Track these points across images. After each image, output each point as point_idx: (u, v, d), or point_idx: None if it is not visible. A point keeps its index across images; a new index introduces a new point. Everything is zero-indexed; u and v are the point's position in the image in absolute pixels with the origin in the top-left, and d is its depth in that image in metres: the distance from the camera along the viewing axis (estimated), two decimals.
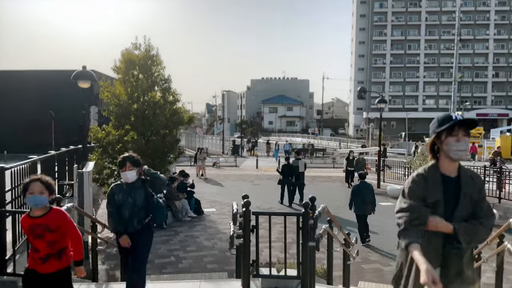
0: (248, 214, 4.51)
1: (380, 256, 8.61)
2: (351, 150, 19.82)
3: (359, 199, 9.65)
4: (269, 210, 12.86)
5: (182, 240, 9.66)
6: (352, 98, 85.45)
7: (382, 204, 14.32)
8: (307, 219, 4.32)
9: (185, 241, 9.58)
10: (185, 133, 60.57)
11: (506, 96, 78.20)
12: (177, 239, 9.75)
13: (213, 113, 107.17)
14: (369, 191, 9.73)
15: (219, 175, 22.33)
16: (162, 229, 10.60)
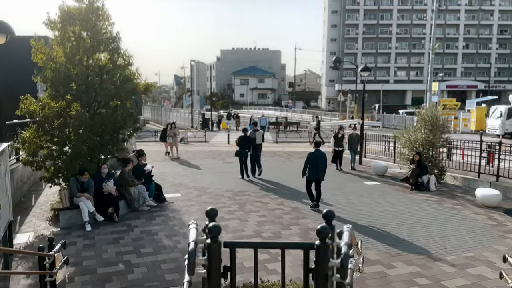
0: (215, 250, 2.55)
1: (379, 252, 6.99)
2: (340, 126, 16.49)
3: (313, 166, 9.80)
4: (243, 196, 11.07)
5: (137, 238, 7.72)
6: (325, 69, 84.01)
7: (368, 184, 12.80)
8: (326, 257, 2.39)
9: (140, 240, 7.65)
10: (151, 106, 57.54)
11: (476, 68, 78.74)
12: (130, 237, 7.80)
13: (182, 85, 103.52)
14: (323, 159, 9.93)
15: (186, 152, 20.28)
16: (112, 223, 8.61)
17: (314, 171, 9.85)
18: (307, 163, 9.91)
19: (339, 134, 15.50)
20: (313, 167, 9.84)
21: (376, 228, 8.29)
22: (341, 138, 15.46)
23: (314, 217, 9.09)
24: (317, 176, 9.90)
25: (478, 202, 10.29)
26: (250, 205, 10.09)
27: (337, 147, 15.36)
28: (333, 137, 15.75)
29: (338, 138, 15.46)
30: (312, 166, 9.84)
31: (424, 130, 12.59)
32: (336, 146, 15.38)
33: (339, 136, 15.50)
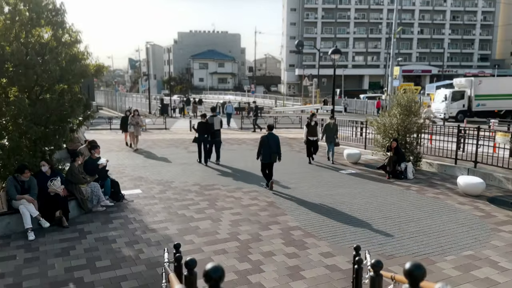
0: None
1: (372, 255, 6.22)
2: (313, 113, 14.71)
3: (266, 149, 10.05)
4: (213, 190, 10.02)
5: (90, 248, 6.51)
6: (285, 54, 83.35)
7: (343, 173, 12.11)
8: None
9: (94, 250, 6.45)
10: (105, 91, 54.48)
11: (430, 52, 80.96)
12: (83, 247, 6.58)
13: (137, 69, 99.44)
14: (276, 142, 10.19)
15: (145, 141, 18.82)
16: (61, 229, 7.31)
17: (267, 154, 10.14)
18: (261, 146, 10.17)
19: (312, 122, 13.72)
20: (266, 150, 10.11)
21: (363, 224, 7.55)
22: (314, 127, 13.71)
23: (292, 212, 8.23)
24: (270, 158, 10.18)
25: (460, 190, 9.85)
26: (221, 201, 9.07)
27: (310, 137, 13.53)
28: (306, 126, 13.82)
29: (312, 127, 13.63)
30: (265, 149, 10.11)
31: (399, 115, 12.02)
32: (310, 135, 13.54)
33: (312, 124, 13.69)
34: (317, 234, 7.03)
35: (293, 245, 6.58)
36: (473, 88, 29.49)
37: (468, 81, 30.51)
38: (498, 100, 29.31)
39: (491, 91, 29.38)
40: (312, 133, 13.56)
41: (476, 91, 29.36)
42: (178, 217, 7.97)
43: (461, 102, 29.73)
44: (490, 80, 35.81)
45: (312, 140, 13.56)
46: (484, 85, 29.87)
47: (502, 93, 29.54)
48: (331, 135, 13.62)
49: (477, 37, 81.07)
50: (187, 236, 6.96)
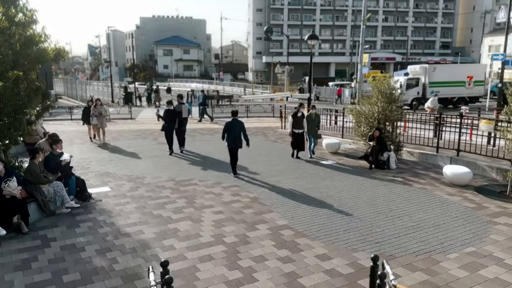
0: None
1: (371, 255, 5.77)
2: (301, 103, 12.91)
3: (231, 134, 10.27)
4: (189, 185, 9.29)
5: (56, 259, 5.67)
6: (251, 41, 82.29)
7: (325, 163, 11.66)
8: None
9: (60, 261, 5.62)
10: (64, 79, 51.75)
11: (394, 40, 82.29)
12: (46, 257, 5.72)
13: (97, 56, 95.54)
14: (240, 127, 10.37)
15: (110, 132, 17.67)
16: (20, 237, 6.40)
17: (232, 139, 10.33)
18: (225, 132, 10.44)
19: (299, 113, 12.15)
20: (231, 135, 10.32)
21: (355, 221, 7.08)
22: (301, 118, 12.13)
23: (279, 209, 7.66)
24: (235, 143, 10.34)
25: (446, 180, 9.61)
26: (200, 198, 8.36)
27: (296, 129, 12.12)
28: (292, 116, 12.34)
29: (298, 118, 12.11)
30: (230, 134, 10.33)
31: (380, 103, 11.65)
32: (295, 127, 12.12)
33: (298, 115, 12.12)
34: (309, 234, 6.50)
35: (285, 247, 6.01)
36: (427, 75, 29.24)
37: (423, 68, 30.07)
38: (451, 87, 29.37)
39: (444, 78, 29.30)
40: (298, 125, 12.12)
41: (430, 78, 28.99)
42: (154, 218, 7.21)
43: (415, 89, 29.26)
44: (444, 67, 35.95)
45: (298, 133, 12.15)
46: (438, 72, 29.61)
47: (455, 80, 29.67)
48: (312, 126, 12.39)
49: (439, 25, 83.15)
50: (167, 241, 6.24)
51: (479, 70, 31.52)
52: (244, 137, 10.37)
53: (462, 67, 39.16)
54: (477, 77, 30.39)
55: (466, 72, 30.62)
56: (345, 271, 5.28)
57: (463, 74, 30.35)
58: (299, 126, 12.10)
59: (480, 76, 30.87)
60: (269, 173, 10.52)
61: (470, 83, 30.22)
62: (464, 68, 34.12)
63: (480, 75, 30.94)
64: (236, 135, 10.29)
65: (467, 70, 31.37)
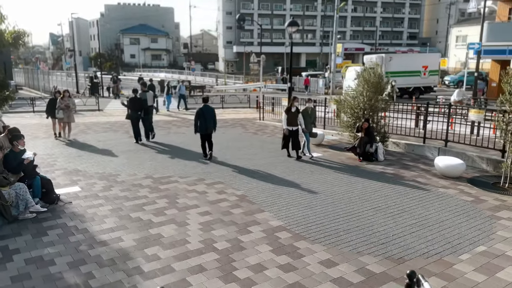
0: None
1: (380, 260, 5.29)
2: (294, 97, 11.27)
3: (202, 121, 10.47)
4: (169, 183, 8.54)
5: (20, 276, 4.85)
6: (221, 30, 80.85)
7: (316, 155, 11.11)
8: None
9: (26, 278, 4.80)
10: (24, 69, 48.96)
11: (363, 31, 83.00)
12: (9, 274, 4.88)
13: (60, 45, 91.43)
14: (211, 113, 10.59)
15: (77, 124, 16.51)
16: None
17: (203, 125, 10.53)
18: (197, 119, 10.54)
19: (293, 108, 10.72)
20: (202, 121, 10.51)
21: (353, 219, 6.58)
22: (295, 113, 10.73)
23: (270, 207, 7.06)
24: (207, 129, 10.55)
25: (437, 172, 9.30)
26: (183, 198, 7.64)
27: (290, 126, 10.67)
28: (285, 112, 10.87)
29: (292, 114, 10.68)
30: (201, 120, 10.51)
31: (366, 92, 11.21)
32: (289, 124, 10.67)
33: (292, 110, 10.69)
34: (307, 236, 5.93)
35: (284, 252, 5.42)
36: (384, 65, 27.25)
37: (380, 57, 28.61)
38: (407, 77, 28.70)
39: (400, 68, 28.50)
40: (292, 122, 10.70)
41: (387, 68, 27.04)
42: (132, 222, 6.45)
43: None
44: (400, 57, 35.01)
45: (292, 131, 10.72)
46: (395, 62, 28.56)
47: (411, 70, 29.11)
48: (308, 122, 10.98)
49: (406, 16, 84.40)
50: (150, 249, 5.51)
51: (433, 60, 31.18)
52: (213, 123, 10.63)
53: (417, 56, 39.01)
54: (432, 67, 30.07)
55: (422, 62, 30.17)
56: (354, 279, 4.75)
57: (418, 63, 29.91)
58: (293, 122, 10.72)
59: (434, 65, 30.57)
60: (253, 167, 9.89)
61: (425, 73, 29.87)
62: (420, 58, 33.62)
63: (434, 64, 30.61)
64: (208, 121, 10.50)
65: (422, 60, 31.01)
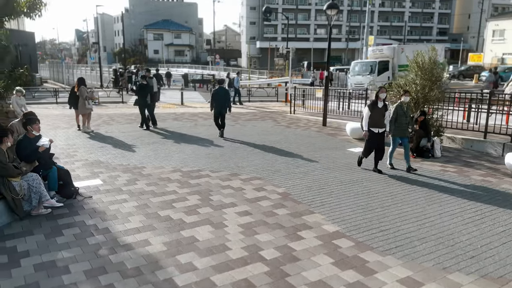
0: None
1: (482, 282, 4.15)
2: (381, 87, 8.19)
3: (217, 101, 11.23)
4: (200, 177, 7.56)
5: (27, 286, 3.93)
6: (245, 25, 79.88)
7: (355, 151, 9.98)
8: None
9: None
10: (50, 62, 49.13)
11: (390, 26, 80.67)
12: (13, 284, 3.97)
13: (85, 40, 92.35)
14: (226, 95, 11.38)
15: (100, 115, 15.80)
16: None
17: (218, 106, 11.31)
18: (213, 100, 11.36)
19: (380, 103, 7.80)
20: (217, 102, 11.28)
21: (425, 225, 5.43)
22: (382, 110, 7.80)
23: (320, 208, 5.97)
24: (221, 110, 11.37)
25: (509, 171, 8.02)
26: (217, 194, 6.63)
27: (375, 127, 7.86)
28: (368, 107, 7.88)
29: (378, 110, 7.79)
30: (216, 101, 11.28)
31: (420, 81, 9.96)
32: (374, 125, 7.85)
33: (379, 106, 7.80)
34: (373, 245, 4.83)
35: (350, 266, 4.33)
36: (395, 57, 25.20)
37: (390, 49, 25.73)
38: None
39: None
40: (378, 121, 7.83)
41: (399, 60, 24.70)
42: (161, 222, 5.48)
43: (386, 74, 25.03)
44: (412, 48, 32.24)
45: (377, 133, 7.90)
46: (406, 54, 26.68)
47: None
48: (403, 123, 8.04)
49: (437, 11, 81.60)
50: (183, 256, 4.51)
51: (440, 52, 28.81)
52: (227, 104, 11.38)
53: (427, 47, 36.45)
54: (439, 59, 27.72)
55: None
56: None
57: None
58: (379, 123, 7.86)
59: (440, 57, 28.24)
60: (292, 162, 8.82)
61: None
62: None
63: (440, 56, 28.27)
64: (221, 102, 11.23)
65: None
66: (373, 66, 25.54)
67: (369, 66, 25.93)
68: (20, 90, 11.75)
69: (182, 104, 20.85)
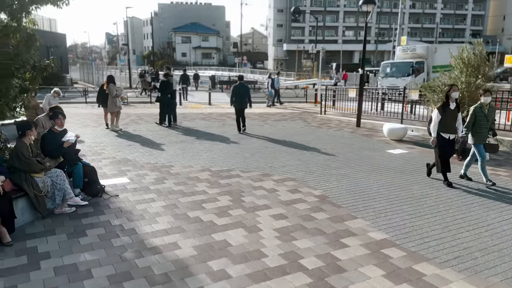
0: None
1: None
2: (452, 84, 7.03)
3: (238, 97, 11.59)
4: (230, 177, 7.15)
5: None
6: (272, 28, 79.58)
7: (394, 153, 9.36)
8: None
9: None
10: (80, 63, 50.17)
11: (421, 28, 78.62)
12: (31, 287, 3.64)
13: (115, 44, 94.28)
14: (246, 90, 11.82)
15: (129, 115, 15.67)
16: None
17: (238, 101, 11.67)
18: (233, 95, 11.75)
19: (452, 103, 6.72)
20: (237, 97, 11.65)
21: (486, 235, 4.81)
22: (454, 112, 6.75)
23: (363, 213, 5.43)
24: (241, 105, 11.71)
25: None
26: (249, 195, 6.19)
27: (446, 133, 6.77)
28: (438, 109, 6.82)
29: (450, 112, 6.72)
30: (237, 97, 11.64)
31: (466, 77, 9.24)
32: (446, 130, 6.75)
33: (451, 107, 6.72)
34: (428, 255, 4.26)
35: (405, 279, 3.78)
36: (430, 57, 23.08)
37: (424, 48, 23.52)
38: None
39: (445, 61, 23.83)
40: (449, 126, 6.73)
41: (433, 61, 22.92)
42: (191, 223, 5.07)
43: (421, 76, 22.64)
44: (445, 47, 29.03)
45: (448, 140, 6.79)
46: (440, 54, 22.81)
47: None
48: (484, 127, 6.79)
49: (470, 12, 79.00)
50: (215, 262, 4.08)
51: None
52: (248, 99, 11.83)
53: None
54: None
55: None
56: None
57: None
58: (450, 127, 6.75)
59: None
60: (327, 162, 8.29)
61: None
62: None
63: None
64: (242, 97, 11.63)
65: None
66: (409, 67, 22.95)
67: (405, 67, 23.30)
68: (58, 91, 11.71)
69: (210, 105, 20.59)
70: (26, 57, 5.12)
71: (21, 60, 5.08)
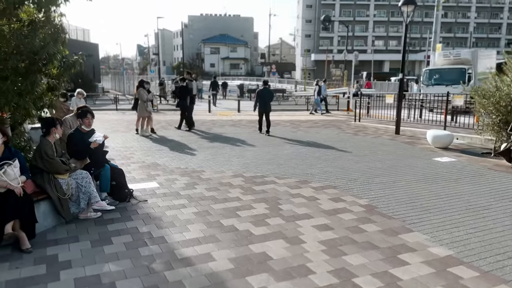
0: None
1: None
2: None
3: (262, 100, 12.11)
4: (265, 184, 6.61)
5: None
6: (300, 38, 79.29)
7: (442, 161, 8.61)
8: None
9: None
10: (112, 72, 51.17)
11: (454, 37, 76.49)
12: None
13: (146, 55, 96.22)
14: (270, 94, 12.47)
15: (159, 121, 15.45)
16: (17, 256, 3.95)
17: (262, 105, 12.09)
18: (257, 98, 12.21)
19: None
20: (262, 101, 12.07)
21: None
22: None
23: (419, 225, 4.78)
24: (265, 108, 12.08)
25: None
26: (287, 203, 5.64)
27: None
28: None
29: None
30: (261, 100, 12.05)
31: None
32: None
33: None
34: (505, 276, 3.59)
35: None
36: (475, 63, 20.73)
37: (470, 53, 21.32)
38: None
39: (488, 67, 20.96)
40: None
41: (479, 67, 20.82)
42: (225, 232, 4.57)
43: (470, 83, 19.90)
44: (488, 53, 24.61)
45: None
46: (483, 60, 21.10)
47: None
48: None
49: (505, 21, 76.25)
50: (255, 278, 3.54)
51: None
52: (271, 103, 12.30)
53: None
54: None
55: None
56: None
57: None
58: None
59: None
60: (369, 171, 7.64)
61: None
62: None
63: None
64: (266, 101, 12.03)
65: None
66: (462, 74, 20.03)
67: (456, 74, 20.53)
68: (81, 92, 11.55)
69: (239, 112, 20.23)
70: (54, 50, 4.80)
71: (47, 53, 4.75)
